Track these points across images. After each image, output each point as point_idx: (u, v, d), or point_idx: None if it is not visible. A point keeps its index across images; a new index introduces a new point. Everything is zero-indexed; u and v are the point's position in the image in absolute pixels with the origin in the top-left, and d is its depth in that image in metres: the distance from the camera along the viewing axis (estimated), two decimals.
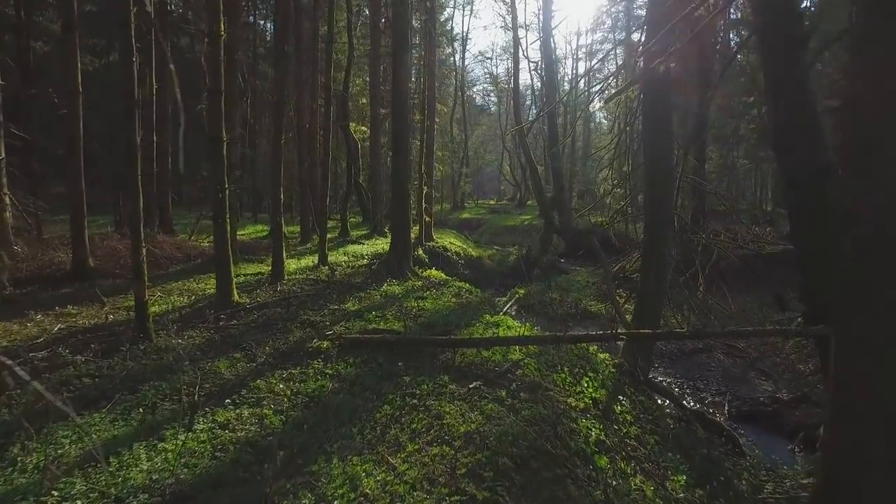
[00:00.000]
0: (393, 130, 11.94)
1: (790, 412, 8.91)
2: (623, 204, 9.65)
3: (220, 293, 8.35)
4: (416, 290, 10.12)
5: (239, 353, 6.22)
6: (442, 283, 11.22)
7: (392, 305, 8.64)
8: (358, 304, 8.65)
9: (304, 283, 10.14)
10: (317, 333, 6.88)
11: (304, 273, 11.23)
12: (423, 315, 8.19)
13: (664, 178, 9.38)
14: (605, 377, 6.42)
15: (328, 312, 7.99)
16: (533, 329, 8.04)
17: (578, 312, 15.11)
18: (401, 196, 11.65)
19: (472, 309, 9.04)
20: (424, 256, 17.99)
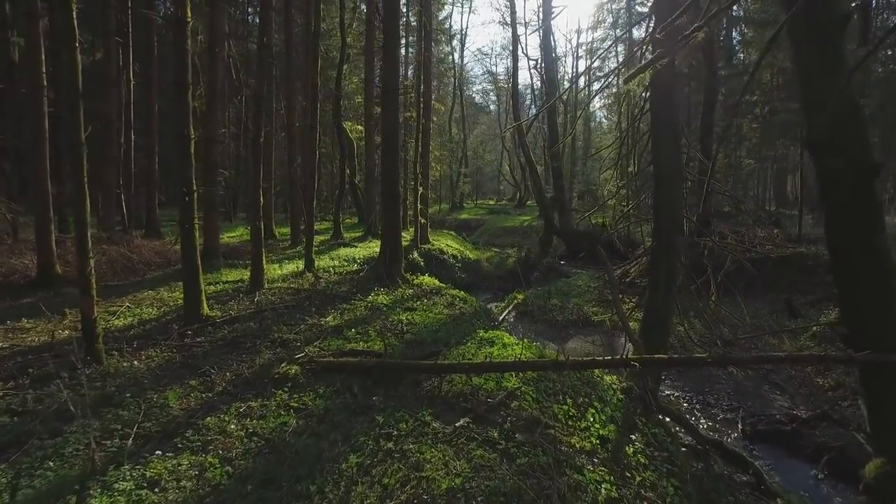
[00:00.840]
0: (383, 127, 11.09)
1: (810, 432, 8.07)
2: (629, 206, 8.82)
3: (188, 306, 7.51)
4: (405, 300, 9.28)
5: (196, 380, 5.38)
6: (434, 291, 10.39)
7: (377, 319, 7.80)
8: (339, 317, 7.81)
9: (284, 292, 9.30)
10: (287, 355, 6.04)
11: (286, 280, 10.40)
12: (411, 330, 7.35)
13: (673, 178, 8.53)
14: (614, 407, 5.58)
15: (305, 328, 7.15)
16: (531, 346, 7.20)
17: (580, 319, 14.27)
18: (391, 197, 10.81)
19: (465, 322, 8.21)
20: (419, 260, 17.16)
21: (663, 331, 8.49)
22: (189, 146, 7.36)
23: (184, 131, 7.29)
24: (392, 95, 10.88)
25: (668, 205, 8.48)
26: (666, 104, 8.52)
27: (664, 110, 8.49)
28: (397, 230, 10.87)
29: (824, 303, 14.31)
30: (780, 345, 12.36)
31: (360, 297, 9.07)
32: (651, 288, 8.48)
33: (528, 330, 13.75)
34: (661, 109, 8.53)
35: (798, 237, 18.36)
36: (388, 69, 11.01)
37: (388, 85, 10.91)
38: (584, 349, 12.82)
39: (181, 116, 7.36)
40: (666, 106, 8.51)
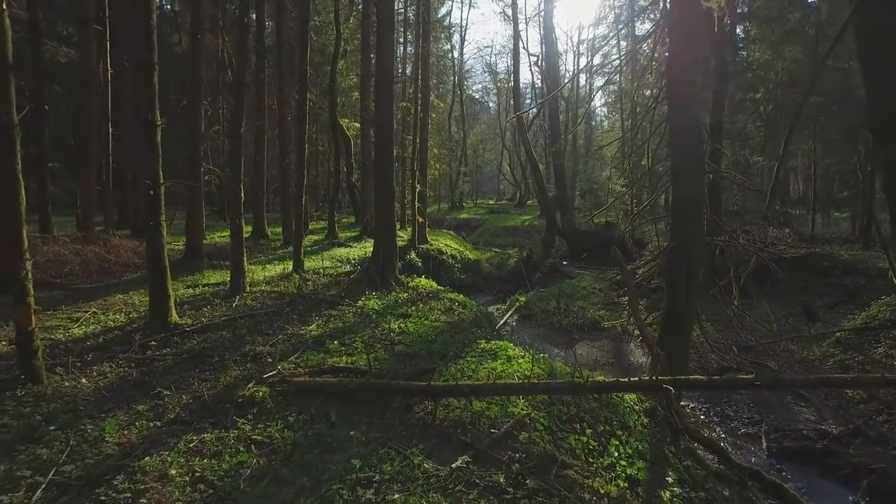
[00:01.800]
0: (377, 120, 10.20)
1: (843, 450, 7.16)
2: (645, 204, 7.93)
3: (154, 313, 6.62)
4: (399, 305, 8.39)
5: (145, 404, 4.49)
6: (431, 295, 9.49)
7: (365, 328, 6.90)
8: (323, 325, 6.91)
9: (267, 296, 8.41)
10: (258, 372, 5.14)
11: (271, 283, 9.51)
12: (403, 341, 6.45)
13: (693, 173, 7.64)
14: (639, 435, 4.69)
15: (283, 339, 6.25)
16: (540, 358, 6.30)
17: (585, 323, 13.38)
18: (385, 195, 9.91)
19: (465, 330, 7.31)
20: (417, 260, 16.26)
21: (684, 340, 7.61)
22: (155, 134, 6.47)
23: (149, 117, 6.39)
24: (386, 85, 9.99)
25: (688, 201, 7.59)
26: (685, 91, 7.63)
27: (683, 98, 7.61)
28: (391, 229, 9.97)
29: (842, 305, 13.42)
30: (800, 351, 11.47)
31: (349, 301, 8.18)
32: (670, 292, 7.59)
33: (532, 335, 12.86)
34: (680, 97, 7.64)
35: (811, 237, 17.47)
36: (382, 57, 10.11)
37: (383, 74, 10.02)
38: (591, 356, 11.94)
39: (146, 101, 6.47)
40: (685, 93, 7.62)
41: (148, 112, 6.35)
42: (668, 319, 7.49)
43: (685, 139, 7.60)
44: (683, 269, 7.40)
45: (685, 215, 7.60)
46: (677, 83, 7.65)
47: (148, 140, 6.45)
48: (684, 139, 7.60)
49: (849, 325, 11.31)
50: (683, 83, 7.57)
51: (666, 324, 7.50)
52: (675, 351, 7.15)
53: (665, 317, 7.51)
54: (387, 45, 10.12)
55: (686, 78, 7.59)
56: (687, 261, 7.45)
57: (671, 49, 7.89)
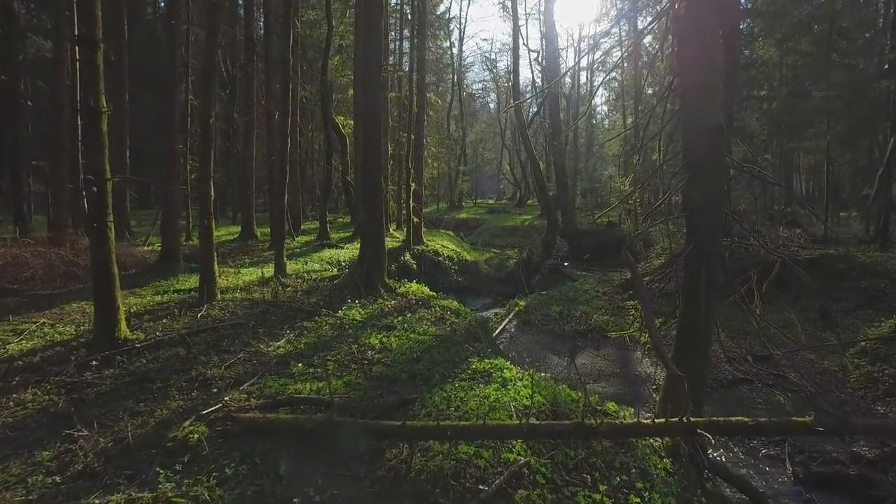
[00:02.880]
0: (364, 111, 9.27)
1: (881, 476, 6.24)
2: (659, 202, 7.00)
3: (99, 328, 5.71)
4: (384, 315, 7.46)
5: (51, 451, 3.57)
6: (422, 302, 8.57)
7: (341, 343, 5.98)
8: (294, 341, 5.99)
9: (238, 304, 7.49)
10: (203, 402, 4.23)
11: (247, 289, 8.59)
12: (383, 360, 5.53)
13: (713, 168, 6.69)
14: (661, 484, 3.76)
15: (243, 358, 5.33)
16: (541, 381, 5.37)
17: (589, 329, 12.46)
18: (372, 193, 8.99)
19: (456, 345, 6.38)
20: (412, 262, 15.34)
21: (703, 356, 6.66)
22: (99, 122, 5.56)
23: (91, 103, 5.48)
24: (374, 73, 9.07)
25: (707, 200, 6.62)
26: (701, 75, 6.69)
27: (700, 82, 6.65)
28: (379, 230, 9.04)
29: (860, 310, 12.47)
30: (820, 361, 10.53)
31: (328, 311, 7.26)
32: (687, 302, 6.66)
33: (532, 342, 11.94)
34: (696, 82, 6.70)
35: (824, 237, 16.48)
36: (370, 43, 9.18)
37: (371, 62, 9.09)
38: (595, 366, 11.00)
39: (90, 84, 5.55)
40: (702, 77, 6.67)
41: (91, 97, 5.44)
42: (686, 333, 6.55)
43: (703, 129, 6.66)
44: (703, 276, 6.46)
45: (704, 215, 6.64)
46: (693, 66, 6.70)
47: (91, 129, 5.54)
48: (702, 129, 6.65)
49: (875, 334, 10.34)
50: (701, 64, 6.63)
51: (682, 338, 6.56)
52: (693, 368, 6.21)
53: (681, 330, 6.57)
54: (375, 31, 9.19)
55: (702, 58, 6.64)
56: (706, 266, 6.51)
57: (682, 33, 6.95)
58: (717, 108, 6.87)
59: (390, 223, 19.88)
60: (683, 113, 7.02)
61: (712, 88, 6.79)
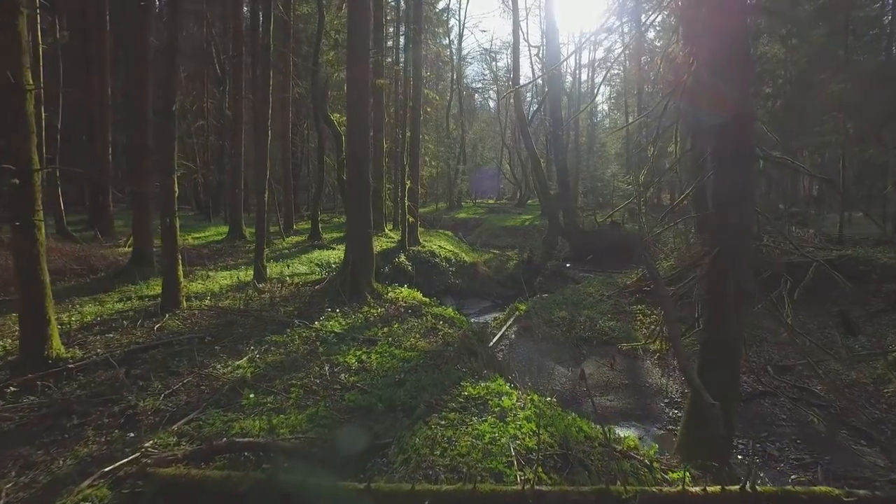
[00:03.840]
0: (349, 100, 8.32)
1: None
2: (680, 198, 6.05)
3: (24, 345, 4.75)
4: (367, 326, 6.51)
5: None
6: (413, 309, 7.62)
7: (313, 362, 5.03)
8: (257, 360, 5.04)
9: (204, 314, 6.55)
10: (122, 447, 3.29)
11: (220, 295, 7.66)
12: (360, 384, 4.58)
13: (742, 160, 5.74)
14: None
15: (190, 384, 4.39)
16: (546, 413, 4.41)
17: (594, 335, 11.52)
18: (359, 190, 8.04)
19: (448, 363, 5.42)
20: (407, 264, 14.41)
21: (733, 374, 5.70)
22: (21, 102, 4.62)
23: (9, 77, 4.53)
24: (360, 57, 8.12)
25: (735, 196, 5.70)
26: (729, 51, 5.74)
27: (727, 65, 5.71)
28: (366, 231, 8.09)
29: (884, 316, 11.49)
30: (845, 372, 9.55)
31: (304, 322, 6.31)
32: (712, 312, 5.71)
33: (533, 350, 10.99)
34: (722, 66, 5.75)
35: (839, 237, 15.49)
36: (356, 25, 8.22)
37: (356, 46, 8.14)
38: (602, 376, 10.05)
39: (7, 55, 4.60)
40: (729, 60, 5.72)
41: (8, 69, 4.50)
42: (712, 348, 5.60)
43: (731, 117, 5.71)
44: (732, 283, 5.51)
45: (731, 214, 5.70)
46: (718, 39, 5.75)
47: (9, 108, 4.60)
48: (730, 117, 5.70)
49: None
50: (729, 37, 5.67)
51: (709, 354, 5.61)
52: (722, 386, 5.28)
53: (707, 344, 5.62)
54: (362, 12, 8.24)
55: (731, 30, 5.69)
56: (736, 272, 5.57)
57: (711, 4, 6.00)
58: (746, 94, 5.93)
59: (386, 223, 18.95)
60: (707, 100, 6.08)
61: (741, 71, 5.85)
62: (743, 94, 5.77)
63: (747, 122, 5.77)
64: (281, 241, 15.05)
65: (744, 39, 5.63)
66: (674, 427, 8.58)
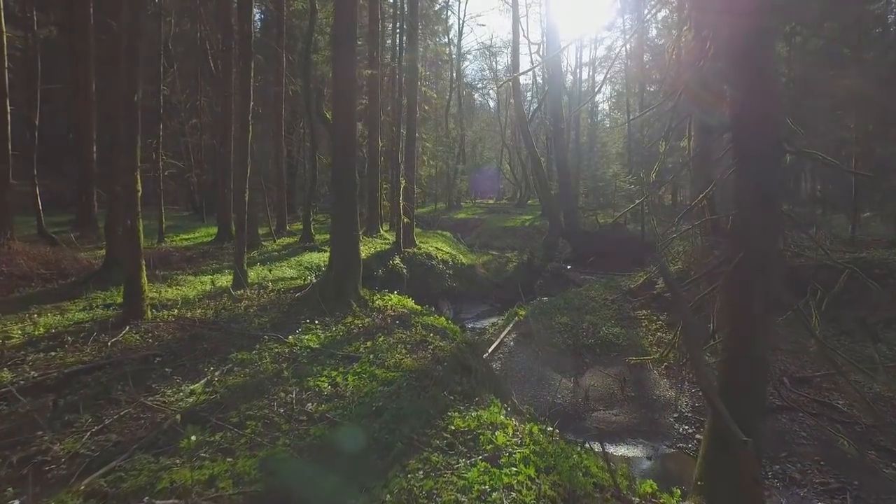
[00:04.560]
0: (334, 92, 7.63)
1: None
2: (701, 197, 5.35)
3: None
4: (349, 340, 5.81)
5: None
6: (402, 319, 6.92)
7: (278, 387, 4.33)
8: (216, 384, 4.35)
9: (169, 326, 5.86)
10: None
11: (191, 304, 6.97)
12: (330, 414, 3.89)
13: (768, 155, 5.04)
14: None
15: (127, 416, 3.70)
16: (549, 452, 3.72)
17: (597, 343, 10.85)
18: (344, 189, 7.34)
19: (436, 385, 4.72)
20: (402, 267, 13.72)
21: (760, 397, 5.00)
22: None
23: None
24: (346, 47, 7.42)
25: (761, 195, 5.00)
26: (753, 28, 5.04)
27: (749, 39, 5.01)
28: (352, 231, 7.39)
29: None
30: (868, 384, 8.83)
31: (278, 335, 5.61)
32: (735, 327, 5.00)
33: (532, 358, 10.31)
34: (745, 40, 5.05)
35: (852, 239, 14.75)
36: (341, 11, 7.52)
37: (342, 30, 7.44)
38: (606, 387, 9.36)
39: None
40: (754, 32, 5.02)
41: None
42: (735, 366, 4.89)
43: (753, 103, 5.01)
44: (758, 295, 4.81)
45: (756, 215, 4.99)
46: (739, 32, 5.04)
47: None
48: (752, 104, 5.00)
49: None
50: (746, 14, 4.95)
51: (730, 375, 4.89)
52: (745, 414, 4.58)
53: (729, 362, 4.92)
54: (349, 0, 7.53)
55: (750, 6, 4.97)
56: (762, 281, 4.87)
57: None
58: (771, 78, 5.22)
59: (383, 223, 18.27)
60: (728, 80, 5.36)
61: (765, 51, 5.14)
62: (768, 79, 5.07)
63: (773, 110, 5.06)
64: (271, 243, 14.38)
65: (769, 14, 4.92)
66: (684, 445, 7.88)
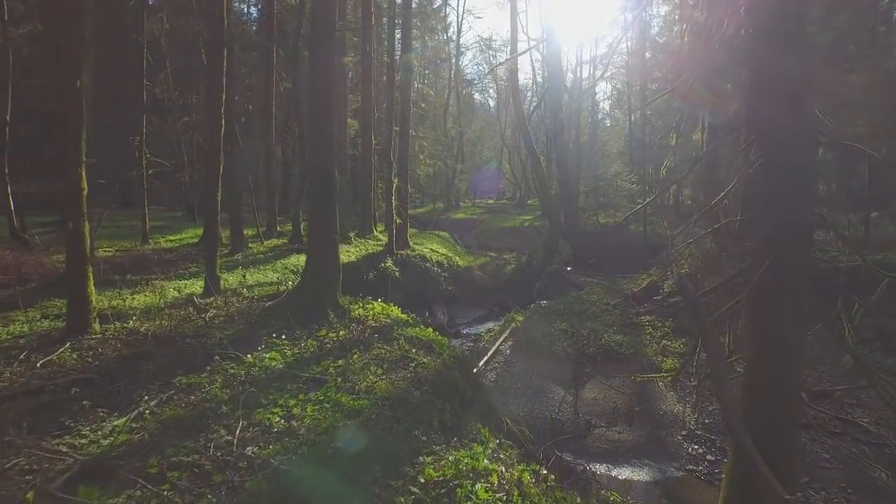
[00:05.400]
0: (311, 83, 6.89)
1: None
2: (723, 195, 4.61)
3: None
4: (320, 356, 5.07)
5: None
6: (383, 332, 6.17)
7: (220, 422, 3.59)
8: (147, 416, 3.62)
9: (116, 342, 5.13)
10: None
11: (150, 314, 6.24)
12: (275, 458, 3.14)
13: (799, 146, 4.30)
14: None
15: (14, 470, 2.96)
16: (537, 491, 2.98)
17: (598, 351, 10.10)
18: (321, 188, 6.60)
19: (411, 415, 3.97)
20: (394, 270, 12.98)
21: (793, 431, 4.25)
22: None
23: None
24: (325, 33, 6.68)
25: (791, 194, 4.27)
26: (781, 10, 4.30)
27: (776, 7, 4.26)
28: (329, 235, 6.64)
29: None
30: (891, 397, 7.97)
31: (237, 353, 4.88)
32: (762, 347, 4.25)
33: (529, 368, 9.56)
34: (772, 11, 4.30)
35: (865, 241, 13.96)
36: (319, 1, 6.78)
37: (321, 16, 6.70)
38: (609, 401, 8.62)
39: None
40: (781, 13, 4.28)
41: None
42: (762, 393, 4.14)
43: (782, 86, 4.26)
44: (790, 309, 4.07)
45: (785, 217, 4.24)
46: None
47: None
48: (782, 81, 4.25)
49: None
50: None
51: (756, 402, 4.14)
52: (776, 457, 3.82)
53: (755, 392, 4.16)
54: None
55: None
56: (793, 293, 4.12)
57: None
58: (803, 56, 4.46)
59: (377, 224, 17.55)
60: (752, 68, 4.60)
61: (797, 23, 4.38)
62: (799, 58, 4.32)
63: (805, 93, 4.31)
64: (259, 245, 13.66)
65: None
66: (694, 468, 7.11)
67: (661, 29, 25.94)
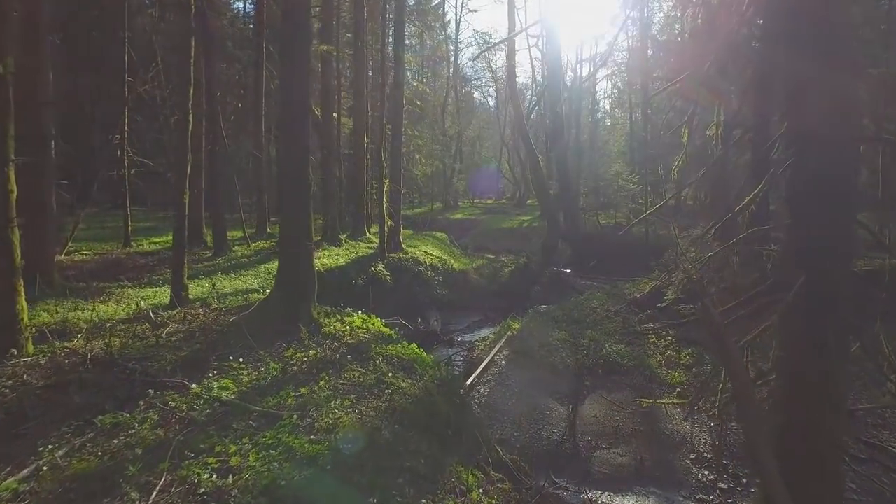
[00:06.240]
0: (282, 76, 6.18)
1: None
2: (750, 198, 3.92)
3: None
4: (280, 384, 4.36)
5: None
6: (360, 350, 5.46)
7: (132, 482, 2.88)
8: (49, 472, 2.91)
9: (43, 367, 4.42)
10: None
11: (101, 330, 5.54)
12: None
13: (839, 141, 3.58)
14: None
15: None
16: None
17: (599, 363, 9.37)
18: (294, 189, 5.89)
19: (376, 458, 3.26)
20: (385, 274, 12.26)
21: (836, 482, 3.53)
22: None
23: None
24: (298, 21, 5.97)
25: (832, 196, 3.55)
26: None
27: None
28: (304, 241, 5.93)
29: None
30: None
31: (189, 378, 4.17)
32: (797, 377, 3.53)
33: (525, 381, 8.85)
34: None
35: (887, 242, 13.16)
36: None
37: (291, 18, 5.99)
38: (610, 419, 7.86)
39: None
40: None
41: None
42: (800, 435, 3.41)
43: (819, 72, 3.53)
44: (832, 333, 3.35)
45: (824, 224, 3.51)
46: None
47: None
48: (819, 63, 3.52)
49: None
50: None
51: (790, 444, 3.43)
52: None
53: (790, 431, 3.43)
54: None
55: None
56: (835, 315, 3.40)
57: None
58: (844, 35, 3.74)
59: (370, 226, 16.86)
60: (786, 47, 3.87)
61: None
62: (841, 38, 3.60)
63: (849, 81, 3.59)
64: (244, 248, 12.96)
65: None
66: (705, 497, 6.37)
67: (662, 28, 25.20)
